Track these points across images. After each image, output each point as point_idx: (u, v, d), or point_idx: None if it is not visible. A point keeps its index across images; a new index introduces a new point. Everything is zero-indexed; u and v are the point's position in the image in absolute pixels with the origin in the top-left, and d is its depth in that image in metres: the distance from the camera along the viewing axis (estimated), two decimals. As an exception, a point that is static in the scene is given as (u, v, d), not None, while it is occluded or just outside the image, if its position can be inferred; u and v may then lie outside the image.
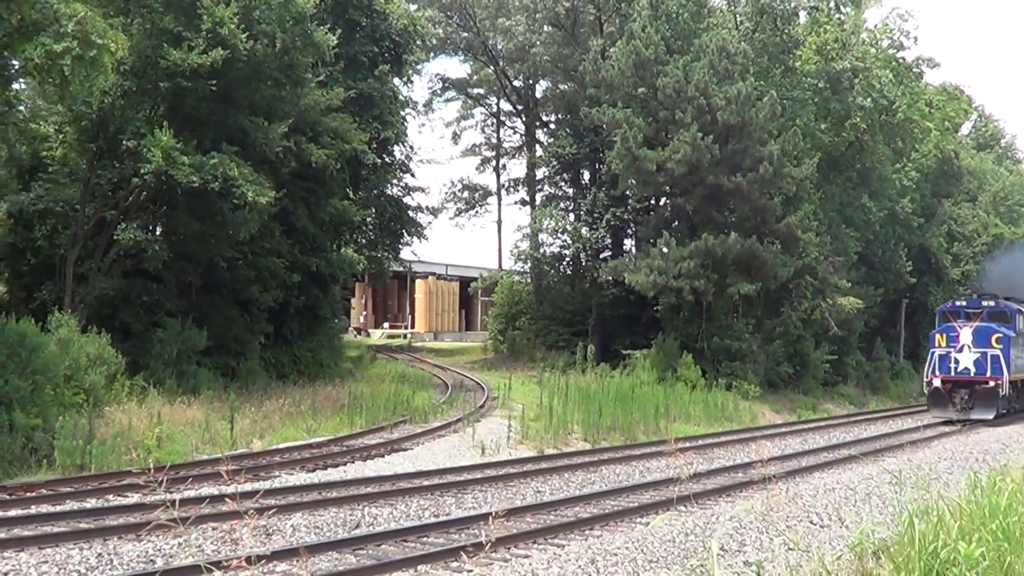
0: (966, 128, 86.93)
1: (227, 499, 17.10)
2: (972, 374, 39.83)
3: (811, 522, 18.08)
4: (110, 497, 19.11)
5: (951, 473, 23.62)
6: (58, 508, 17.88)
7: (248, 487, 20.04)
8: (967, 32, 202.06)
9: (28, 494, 19.16)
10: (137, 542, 15.09)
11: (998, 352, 39.53)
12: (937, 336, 41.10)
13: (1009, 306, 41.94)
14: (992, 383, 39.40)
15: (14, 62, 26.22)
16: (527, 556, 15.19)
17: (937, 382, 40.34)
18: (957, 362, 40.07)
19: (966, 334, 40.05)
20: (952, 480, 20.60)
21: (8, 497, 18.73)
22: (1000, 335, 39.86)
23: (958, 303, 43.75)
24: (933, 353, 40.87)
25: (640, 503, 19.82)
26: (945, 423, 39.68)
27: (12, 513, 17.19)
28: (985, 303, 41.93)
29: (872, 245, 61.71)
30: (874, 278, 61.75)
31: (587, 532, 17.15)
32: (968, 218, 74.65)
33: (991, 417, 39.05)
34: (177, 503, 9.29)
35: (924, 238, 68.40)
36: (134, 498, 18.47)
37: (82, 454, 22.53)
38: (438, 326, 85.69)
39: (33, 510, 17.64)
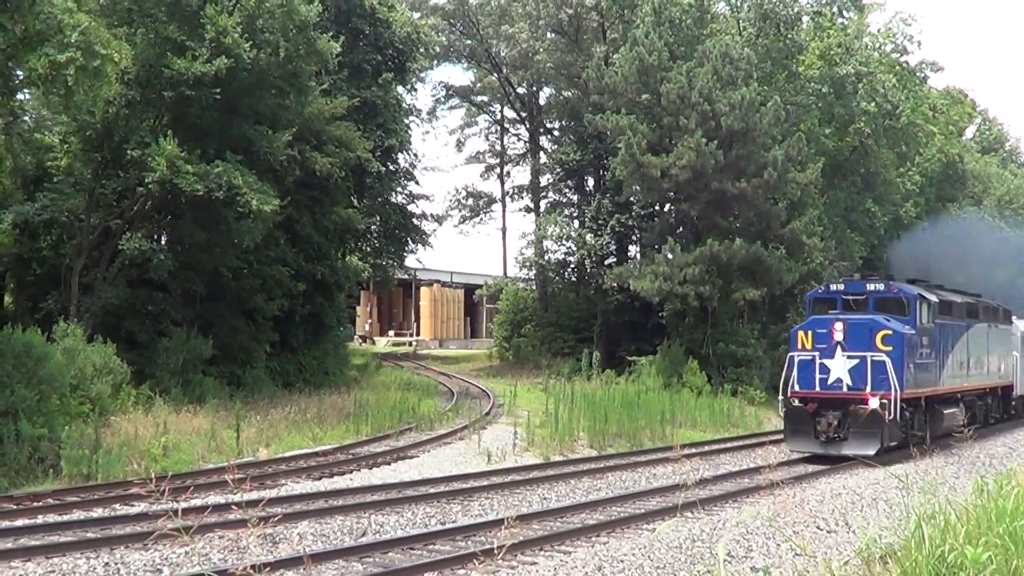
0: (970, 132, 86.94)
1: (233, 507, 17.14)
2: (846, 389, 28.17)
3: (818, 527, 18.08)
4: (116, 506, 19.12)
5: (958, 478, 23.61)
6: (64, 517, 17.88)
7: (254, 495, 20.06)
8: (970, 35, 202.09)
9: (34, 504, 19.16)
10: (144, 551, 15.08)
11: (884, 357, 27.63)
12: (800, 335, 29.42)
13: (907, 291, 30.17)
14: (873, 402, 27.41)
15: (18, 72, 26.25)
16: (534, 563, 15.18)
17: (797, 400, 28.80)
18: (826, 371, 28.52)
19: (839, 330, 28.43)
20: (959, 484, 20.58)
21: (15, 507, 18.74)
22: (888, 332, 28.03)
23: (834, 287, 31.71)
24: (793, 358, 29.26)
25: (646, 509, 19.83)
26: (811, 458, 28.53)
27: (19, 523, 17.20)
28: (871, 286, 30.31)
29: (877, 250, 61.62)
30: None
31: (594, 539, 17.14)
32: (973, 222, 74.51)
33: (871, 453, 26.50)
34: (180, 512, 9.30)
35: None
36: (141, 507, 18.47)
37: (88, 463, 22.53)
38: (443, 333, 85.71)
39: (40, 520, 17.65)
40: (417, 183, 60.36)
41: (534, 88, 69.04)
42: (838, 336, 28.35)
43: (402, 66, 50.14)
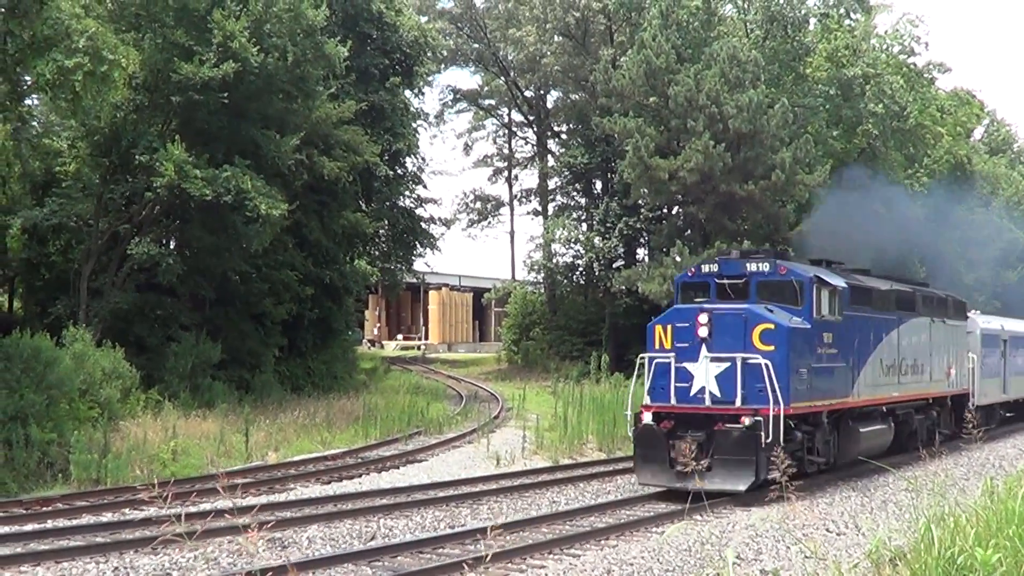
0: (978, 133, 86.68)
1: (238, 512, 17.13)
2: (711, 402, 21.47)
3: (827, 530, 18.04)
4: (126, 511, 19.12)
5: (967, 480, 23.56)
6: (74, 522, 17.91)
7: (264, 499, 20.07)
8: (978, 36, 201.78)
9: (44, 508, 19.19)
10: (153, 555, 15.09)
11: (762, 360, 20.89)
12: (658, 330, 22.44)
13: (799, 272, 23.10)
14: (747, 420, 20.76)
15: (27, 78, 26.34)
16: (543, 567, 15.17)
17: (649, 417, 21.92)
18: (687, 378, 21.72)
19: (704, 324, 21.59)
20: (969, 486, 20.54)
21: (24, 511, 18.76)
22: (769, 327, 21.37)
23: (707, 267, 24.24)
24: (648, 362, 22.59)
25: (656, 512, 19.79)
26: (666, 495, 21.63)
27: (28, 528, 17.23)
28: (753, 267, 23.19)
29: (885, 252, 61.47)
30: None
31: (603, 542, 17.13)
32: (982, 223, 74.38)
33: (742, 488, 20.63)
34: (183, 517, 9.30)
35: (937, 244, 68.11)
36: (150, 511, 18.49)
37: (97, 467, 22.56)
38: (452, 337, 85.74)
39: (49, 524, 17.67)
40: (425, 187, 60.46)
41: (541, 91, 69.11)
42: (703, 332, 21.23)
43: (409, 70, 50.23)
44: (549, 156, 68.75)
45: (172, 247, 36.09)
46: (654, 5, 49.95)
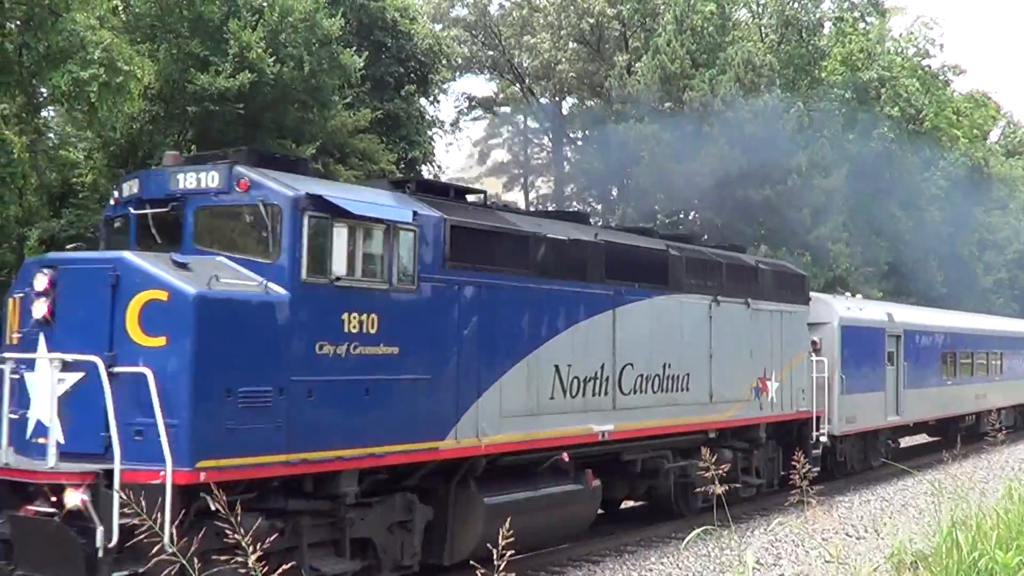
0: (995, 135, 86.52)
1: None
2: (52, 455, 10.63)
3: (847, 534, 18.02)
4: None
5: (988, 483, 23.50)
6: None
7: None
8: (993, 38, 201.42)
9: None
10: None
11: (146, 369, 10.61)
12: (10, 306, 12.32)
13: (271, 189, 12.13)
14: (72, 497, 10.20)
15: (42, 90, 26.45)
16: (562, 574, 15.16)
17: None
18: (24, 404, 11.33)
19: (42, 297, 11.21)
20: (989, 489, 20.50)
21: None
22: (160, 296, 10.95)
23: (127, 187, 13.73)
24: None
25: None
26: None
27: None
28: (189, 181, 12.54)
29: (903, 255, 61.37)
30: (905, 288, 61.37)
31: (622, 548, 17.09)
32: (999, 225, 74.17)
33: None
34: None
35: (955, 247, 67.99)
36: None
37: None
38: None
39: None
40: (441, 195, 60.19)
41: (556, 98, 69.11)
42: (39, 309, 11.28)
43: (424, 78, 50.20)
44: (565, 163, 68.76)
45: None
46: (668, 10, 50.03)
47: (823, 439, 22.67)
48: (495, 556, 6.53)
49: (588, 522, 16.39)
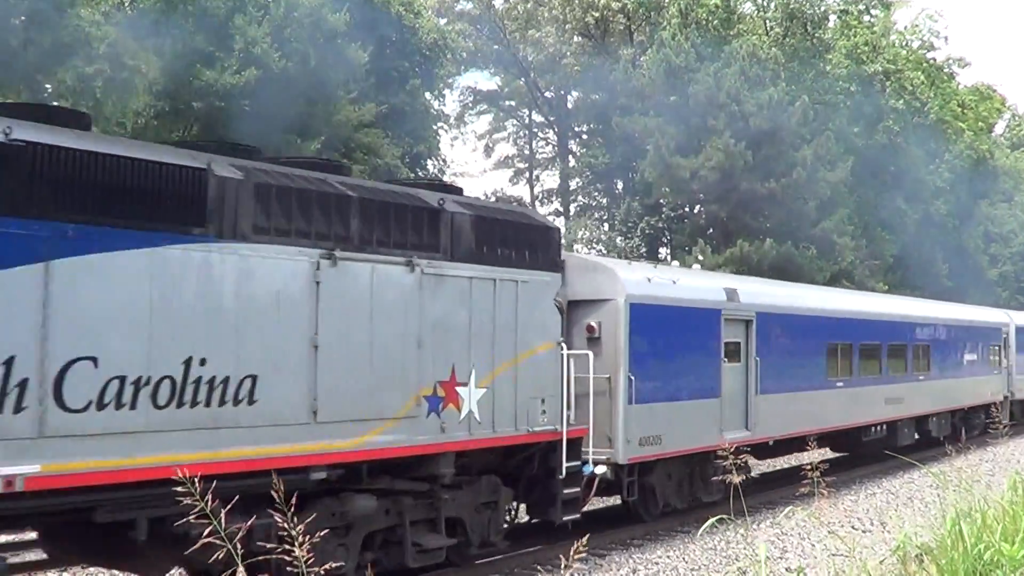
0: (1000, 127, 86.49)
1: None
2: None
3: (852, 527, 18.04)
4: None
5: (993, 475, 23.52)
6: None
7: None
8: (997, 29, 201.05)
9: None
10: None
11: None
12: None
13: None
14: None
15: (48, 86, 26.49)
16: (567, 568, 15.18)
17: None
18: None
19: None
20: (994, 482, 20.53)
21: None
22: None
23: None
24: None
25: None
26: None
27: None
28: None
29: (908, 248, 61.34)
30: (911, 281, 61.33)
31: (628, 541, 17.12)
32: (1005, 218, 74.10)
33: None
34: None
35: (960, 240, 67.93)
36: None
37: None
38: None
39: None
40: (446, 189, 60.27)
41: (562, 92, 69.16)
42: None
43: (429, 72, 50.24)
44: (570, 156, 68.80)
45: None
46: (673, 4, 50.06)
47: (597, 470, 15.81)
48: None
49: None
